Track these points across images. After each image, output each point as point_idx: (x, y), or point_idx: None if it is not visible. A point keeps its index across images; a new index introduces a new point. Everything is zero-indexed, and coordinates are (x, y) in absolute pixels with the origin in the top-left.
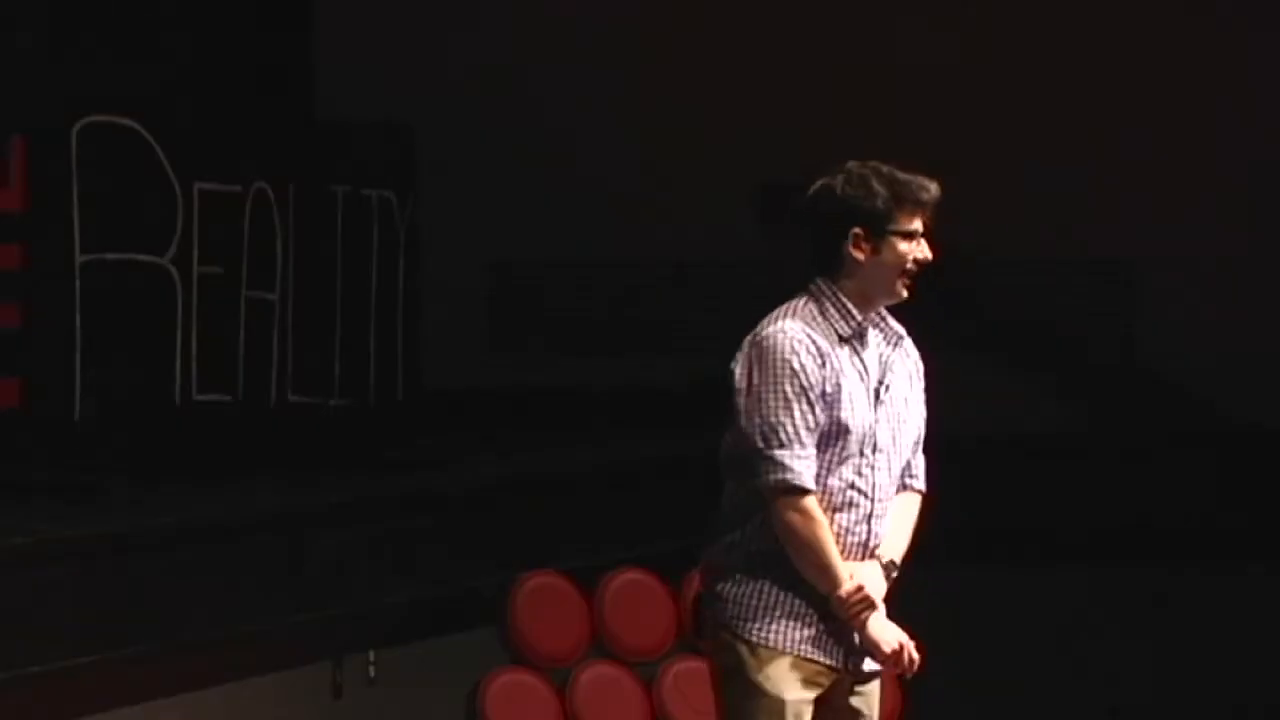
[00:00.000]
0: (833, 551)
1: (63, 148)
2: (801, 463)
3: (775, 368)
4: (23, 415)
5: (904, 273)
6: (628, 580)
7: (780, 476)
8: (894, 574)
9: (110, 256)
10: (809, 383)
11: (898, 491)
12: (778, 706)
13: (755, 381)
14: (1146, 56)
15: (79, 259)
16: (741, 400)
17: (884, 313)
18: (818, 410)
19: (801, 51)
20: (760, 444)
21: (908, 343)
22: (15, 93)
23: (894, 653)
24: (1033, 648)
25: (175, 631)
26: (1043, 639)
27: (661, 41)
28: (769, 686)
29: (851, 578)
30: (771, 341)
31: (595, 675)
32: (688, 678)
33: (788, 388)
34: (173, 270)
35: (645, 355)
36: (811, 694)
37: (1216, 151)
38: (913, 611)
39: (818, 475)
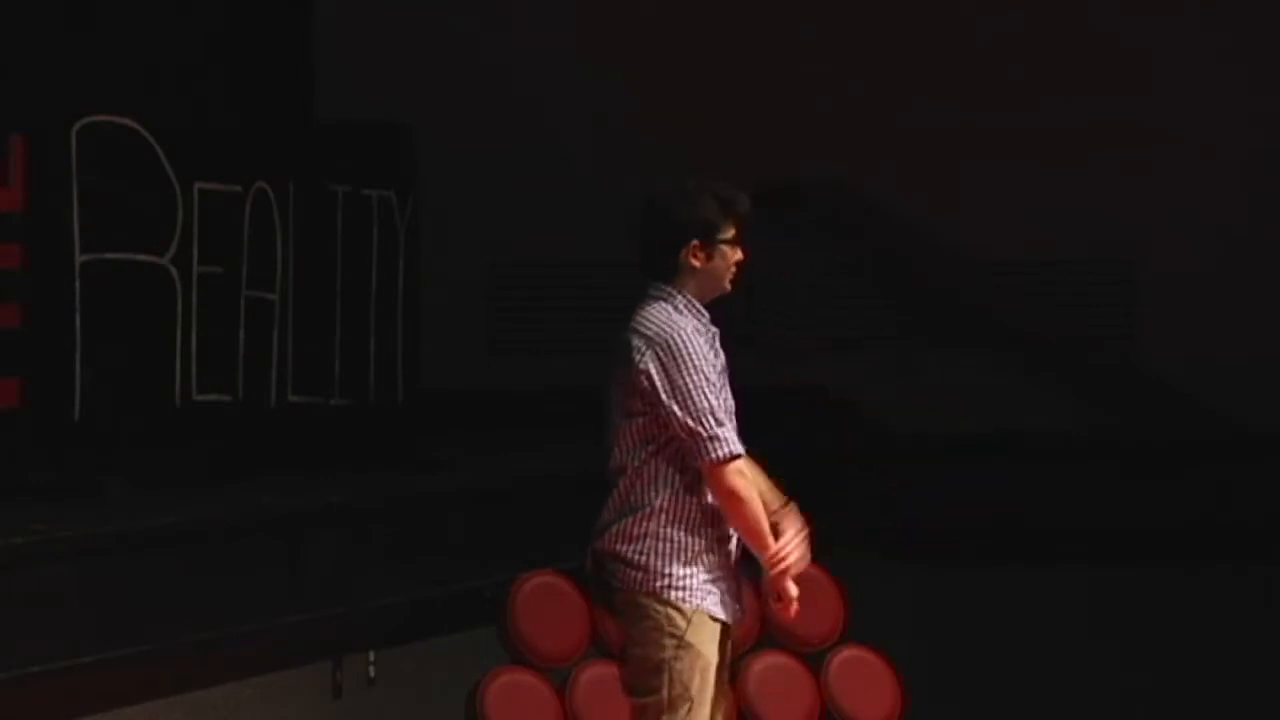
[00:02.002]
0: (763, 511)
1: (62, 147)
2: (733, 433)
3: (689, 358)
4: (23, 415)
5: (730, 272)
6: None
7: (726, 450)
8: None
9: (110, 256)
10: (712, 370)
11: None
12: (704, 664)
13: (674, 374)
14: (1147, 57)
15: (79, 259)
16: (665, 394)
17: None
18: (720, 390)
19: (802, 51)
20: (700, 427)
21: (718, 337)
22: (15, 93)
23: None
24: (1032, 648)
25: (175, 631)
26: (1042, 639)
27: (662, 41)
28: (700, 646)
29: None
30: (675, 336)
31: (595, 675)
32: None
33: (707, 373)
34: (172, 270)
35: None
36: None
37: (1217, 153)
38: (911, 611)
39: None
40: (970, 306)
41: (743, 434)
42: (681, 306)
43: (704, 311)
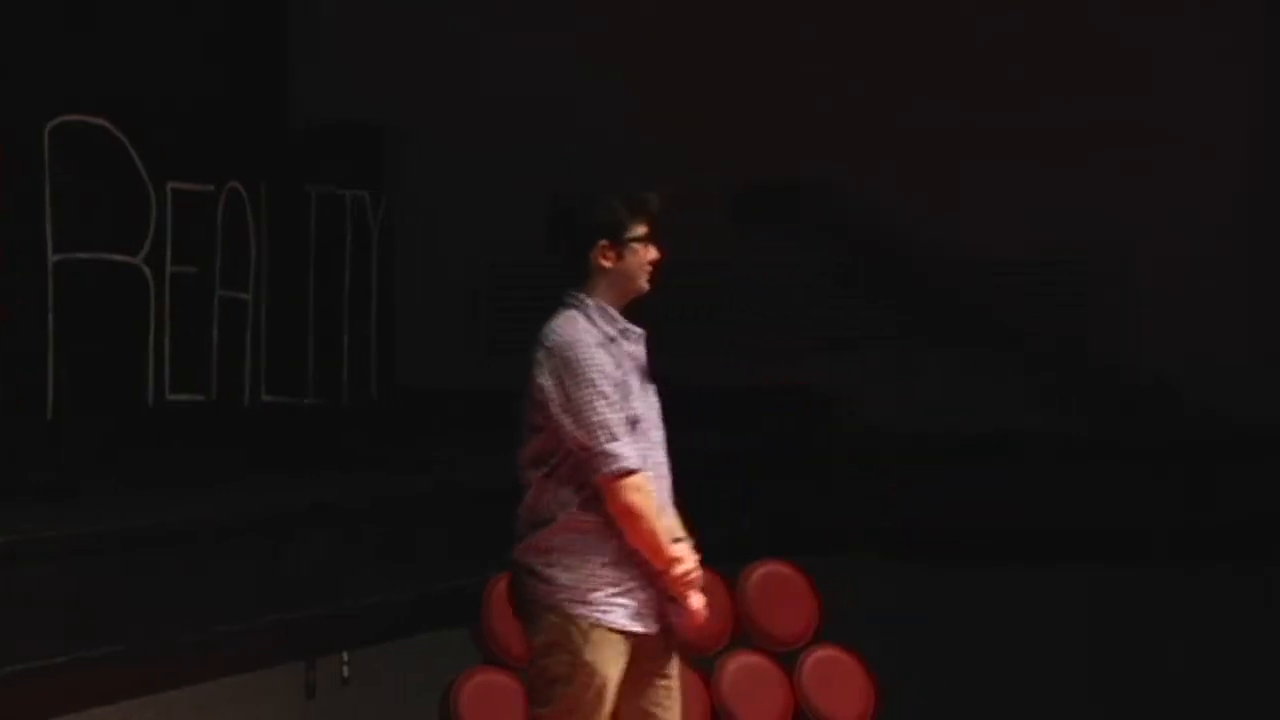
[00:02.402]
0: (663, 528)
1: (35, 147)
2: (629, 448)
3: (583, 370)
4: None
5: (645, 270)
6: None
7: (618, 465)
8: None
9: (83, 256)
10: (612, 380)
11: None
12: (600, 682)
13: (568, 386)
14: (1147, 57)
15: (51, 259)
16: (558, 408)
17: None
18: (620, 403)
19: (802, 51)
20: (591, 443)
21: (643, 339)
22: None
23: (700, 625)
24: (1032, 648)
25: (149, 631)
26: (1041, 639)
27: (662, 41)
28: (597, 665)
29: (680, 556)
30: (574, 350)
31: None
32: None
33: (602, 387)
34: (146, 270)
35: None
36: (621, 667)
37: (1217, 153)
38: (910, 611)
39: None
40: (970, 306)
41: (741, 434)
42: (593, 313)
43: (618, 317)
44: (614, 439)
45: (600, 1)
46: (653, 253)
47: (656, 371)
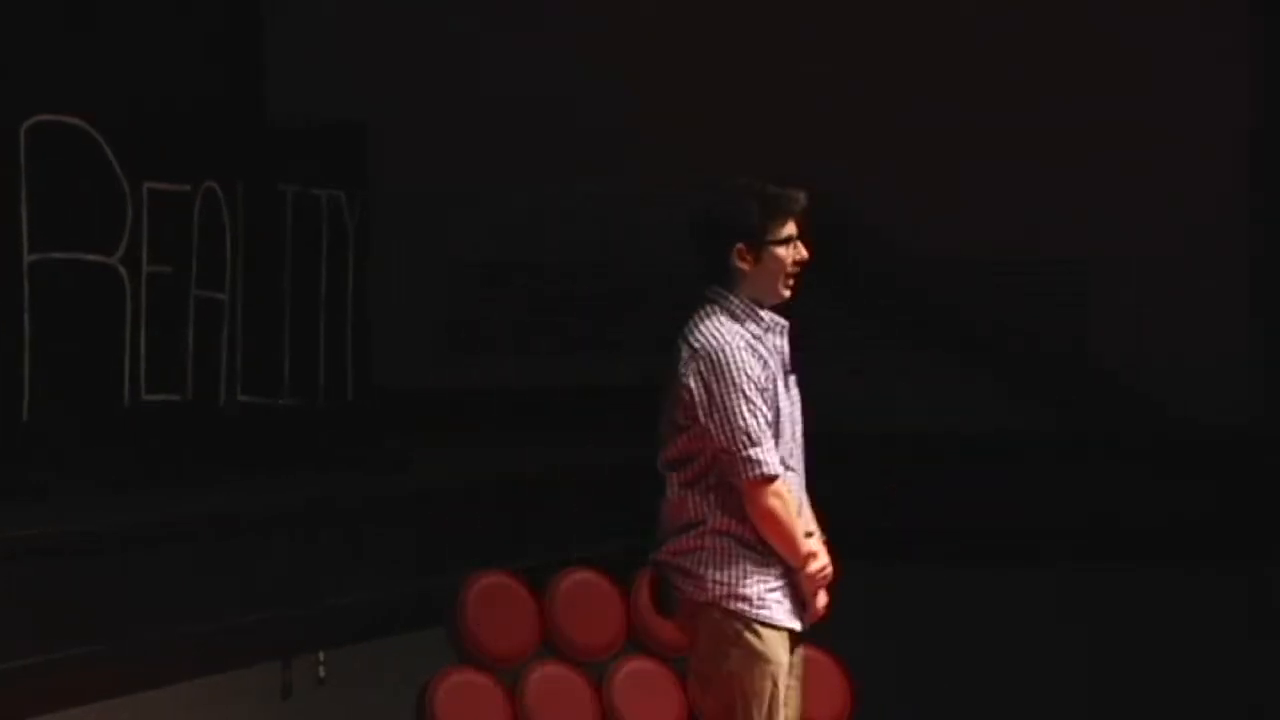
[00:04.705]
0: (800, 529)
1: (11, 146)
2: (770, 454)
3: (731, 374)
4: None
5: (786, 275)
6: (577, 580)
7: (759, 472)
8: None
9: (59, 256)
10: (759, 384)
11: None
12: (776, 670)
13: (715, 390)
14: (1147, 57)
15: (27, 258)
16: (702, 410)
17: None
18: (766, 407)
19: (802, 51)
20: (735, 446)
21: (787, 331)
22: None
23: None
24: (1032, 648)
25: (124, 632)
26: (1042, 639)
27: (662, 41)
28: (770, 654)
29: (815, 553)
30: (722, 352)
31: (545, 675)
32: (638, 678)
33: (747, 390)
34: (122, 270)
35: (611, 355)
36: (786, 661)
37: (1217, 153)
38: (910, 611)
39: None
40: (969, 307)
41: None
42: (737, 310)
43: (762, 316)
44: (756, 444)
45: (600, 1)
46: (800, 252)
47: (799, 365)
